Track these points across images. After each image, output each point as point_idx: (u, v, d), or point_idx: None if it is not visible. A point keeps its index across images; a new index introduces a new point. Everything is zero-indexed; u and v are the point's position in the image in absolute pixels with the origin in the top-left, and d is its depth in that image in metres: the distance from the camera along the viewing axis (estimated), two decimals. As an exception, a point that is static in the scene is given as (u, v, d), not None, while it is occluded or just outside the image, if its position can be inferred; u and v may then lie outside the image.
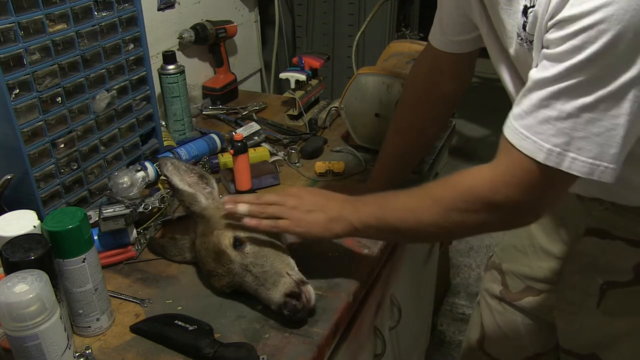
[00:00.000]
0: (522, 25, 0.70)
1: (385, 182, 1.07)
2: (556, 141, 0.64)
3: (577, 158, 0.64)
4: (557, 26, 0.62)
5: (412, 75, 1.06)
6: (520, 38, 0.71)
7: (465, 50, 0.96)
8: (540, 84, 0.65)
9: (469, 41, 0.94)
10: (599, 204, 0.86)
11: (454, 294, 2.30)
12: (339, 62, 1.99)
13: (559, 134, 0.64)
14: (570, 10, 0.60)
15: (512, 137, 0.68)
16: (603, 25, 0.58)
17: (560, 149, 0.64)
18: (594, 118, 0.62)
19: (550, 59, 0.63)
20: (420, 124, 1.04)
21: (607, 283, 0.88)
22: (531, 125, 0.66)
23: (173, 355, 0.80)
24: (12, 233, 0.75)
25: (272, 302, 0.82)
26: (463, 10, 0.89)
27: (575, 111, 0.63)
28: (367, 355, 1.12)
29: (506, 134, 0.70)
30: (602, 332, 0.92)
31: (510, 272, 1.05)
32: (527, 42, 0.70)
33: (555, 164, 0.65)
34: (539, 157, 0.66)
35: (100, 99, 1.05)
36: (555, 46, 0.62)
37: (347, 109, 1.30)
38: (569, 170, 0.65)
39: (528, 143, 0.66)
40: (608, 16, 0.57)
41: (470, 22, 0.89)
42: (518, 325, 1.06)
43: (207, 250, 0.88)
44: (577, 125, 0.63)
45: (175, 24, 1.53)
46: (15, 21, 0.88)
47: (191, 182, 0.94)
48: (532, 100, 0.66)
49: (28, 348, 0.67)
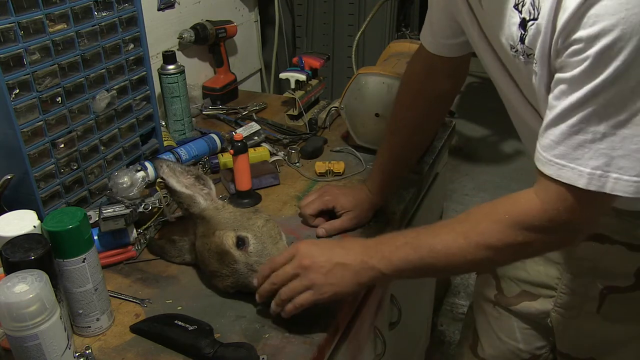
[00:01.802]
0: (519, 38, 0.68)
1: (383, 182, 1.07)
2: (596, 163, 0.62)
3: (620, 178, 0.63)
4: (574, 47, 0.60)
5: (406, 75, 1.05)
6: (515, 50, 0.69)
7: (456, 54, 0.95)
8: (567, 111, 0.63)
9: (460, 45, 0.93)
10: None
11: (454, 294, 2.30)
12: (339, 62, 1.99)
13: (598, 156, 0.62)
14: (584, 31, 0.58)
15: (548, 169, 0.66)
16: (622, 41, 0.57)
17: (601, 171, 0.63)
18: (630, 134, 0.61)
19: (570, 83, 0.62)
20: (416, 123, 1.04)
21: (607, 288, 0.88)
22: (566, 153, 0.64)
23: (173, 355, 0.80)
24: (12, 233, 0.75)
25: None
26: (452, 14, 0.88)
27: (610, 130, 0.61)
28: (367, 355, 1.12)
29: (541, 168, 0.67)
30: (601, 337, 0.91)
31: (505, 277, 1.04)
32: (524, 55, 0.68)
33: (597, 187, 0.63)
34: (581, 183, 0.64)
35: (100, 99, 1.05)
36: (573, 68, 0.61)
37: (347, 109, 1.30)
38: (612, 192, 0.63)
39: (566, 171, 0.64)
40: (626, 31, 0.56)
41: (460, 26, 0.88)
42: (513, 329, 1.05)
43: (210, 251, 0.88)
44: (615, 144, 0.62)
45: (175, 24, 1.53)
46: (15, 21, 0.88)
47: (188, 184, 0.94)
48: (562, 129, 0.64)
49: (28, 348, 0.67)
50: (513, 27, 0.68)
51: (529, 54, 0.67)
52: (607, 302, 0.88)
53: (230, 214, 0.91)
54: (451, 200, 2.84)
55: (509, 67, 0.77)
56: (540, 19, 0.63)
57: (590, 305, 0.90)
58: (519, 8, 0.67)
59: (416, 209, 1.29)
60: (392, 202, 1.11)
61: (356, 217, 1.05)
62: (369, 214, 1.07)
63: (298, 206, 1.11)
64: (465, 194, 2.93)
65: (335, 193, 1.08)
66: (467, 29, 0.85)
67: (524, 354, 1.06)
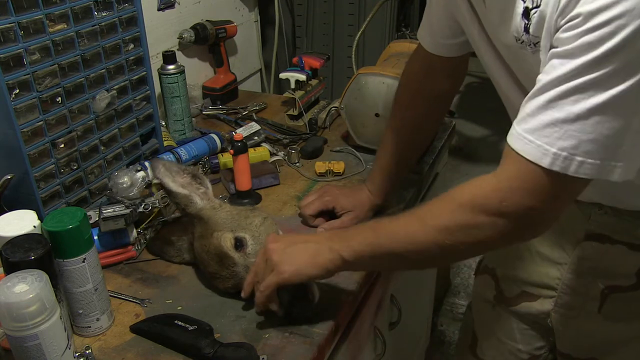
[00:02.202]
0: (523, 28, 0.67)
1: (383, 182, 1.07)
2: (563, 145, 0.61)
3: (584, 161, 0.61)
4: (570, 23, 0.59)
5: (405, 75, 1.05)
6: (522, 42, 0.68)
7: (456, 54, 0.95)
8: (548, 85, 0.61)
9: (459, 45, 0.93)
10: (598, 208, 0.85)
11: (454, 294, 2.30)
12: (339, 62, 1.99)
13: (566, 137, 0.60)
14: (584, 6, 0.57)
15: (516, 142, 0.64)
16: (622, 20, 0.55)
17: (567, 153, 0.61)
18: (604, 119, 0.59)
19: (561, 57, 0.60)
20: (415, 122, 1.04)
21: (608, 288, 0.87)
22: (536, 129, 0.62)
23: (173, 355, 0.80)
24: (12, 233, 0.75)
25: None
26: (452, 14, 0.88)
27: (585, 112, 0.59)
28: (367, 355, 1.12)
29: (509, 141, 0.66)
30: (602, 337, 0.91)
31: (505, 277, 1.04)
32: (530, 44, 0.67)
33: (561, 168, 0.61)
34: (545, 162, 0.62)
35: (100, 99, 1.05)
36: (567, 44, 0.59)
37: (347, 109, 1.30)
38: (576, 174, 0.61)
39: (532, 147, 0.63)
40: (627, 10, 0.54)
41: (459, 26, 0.88)
42: (513, 330, 1.05)
43: (209, 253, 0.87)
44: (586, 127, 0.60)
45: (175, 24, 1.53)
46: (15, 21, 0.88)
47: (184, 183, 0.94)
48: (539, 101, 0.62)
49: (28, 348, 0.67)
50: (517, 17, 0.67)
51: (535, 43, 0.66)
52: (609, 302, 0.88)
53: (228, 213, 0.91)
54: (451, 200, 2.83)
55: (511, 65, 0.77)
56: (543, 5, 0.63)
57: (592, 305, 0.89)
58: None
59: (416, 209, 1.29)
60: (392, 202, 1.11)
61: (356, 218, 1.05)
62: (369, 214, 1.07)
63: (298, 206, 1.11)
64: (465, 194, 2.92)
65: (335, 193, 1.08)
66: (467, 28, 0.85)
67: (523, 355, 1.06)
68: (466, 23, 0.84)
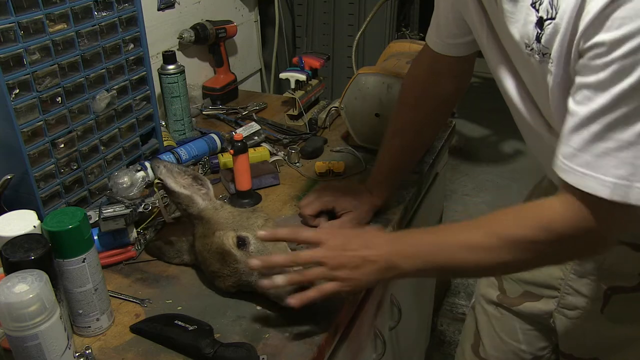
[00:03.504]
0: (535, 37, 0.67)
1: (384, 183, 1.07)
2: (620, 173, 0.61)
3: None
4: (596, 51, 0.59)
5: (409, 76, 1.05)
6: (531, 49, 0.68)
7: (462, 54, 0.95)
8: (590, 118, 0.61)
9: (466, 44, 0.93)
10: None
11: (454, 294, 2.30)
12: (339, 62, 1.99)
13: (622, 165, 0.60)
14: (608, 33, 0.57)
15: (571, 178, 0.64)
16: None
17: (625, 181, 0.61)
18: None
19: (593, 88, 0.60)
20: (419, 124, 1.04)
21: (611, 288, 0.87)
22: (589, 162, 0.62)
23: (173, 355, 0.80)
24: (12, 233, 0.75)
25: (281, 299, 0.82)
26: (460, 13, 0.88)
27: (636, 138, 0.59)
28: (368, 355, 1.12)
29: (562, 176, 0.65)
30: (605, 337, 0.91)
31: (508, 277, 1.04)
32: (539, 54, 0.67)
33: (621, 197, 0.61)
34: (604, 194, 0.62)
35: (100, 99, 1.05)
36: (596, 73, 0.59)
37: (347, 109, 1.30)
38: (638, 203, 0.61)
39: (589, 180, 0.62)
40: None
41: (467, 25, 0.88)
42: (516, 330, 1.05)
43: (211, 251, 0.88)
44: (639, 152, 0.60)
45: (175, 24, 1.53)
46: (15, 21, 0.88)
47: (186, 184, 0.94)
48: (585, 136, 0.62)
49: (28, 348, 0.67)
50: (529, 25, 0.67)
51: (545, 53, 0.66)
52: (612, 303, 0.88)
53: (229, 214, 0.91)
54: (451, 200, 2.84)
55: (518, 68, 0.77)
56: (559, 18, 0.62)
57: (595, 306, 0.90)
58: (536, 6, 0.66)
59: (416, 209, 1.29)
60: (392, 202, 1.11)
61: (356, 218, 1.05)
62: (369, 214, 1.07)
63: (298, 206, 1.11)
64: (466, 194, 2.93)
65: (335, 193, 1.08)
66: (475, 28, 0.84)
67: (526, 355, 1.06)
68: (474, 23, 0.83)
